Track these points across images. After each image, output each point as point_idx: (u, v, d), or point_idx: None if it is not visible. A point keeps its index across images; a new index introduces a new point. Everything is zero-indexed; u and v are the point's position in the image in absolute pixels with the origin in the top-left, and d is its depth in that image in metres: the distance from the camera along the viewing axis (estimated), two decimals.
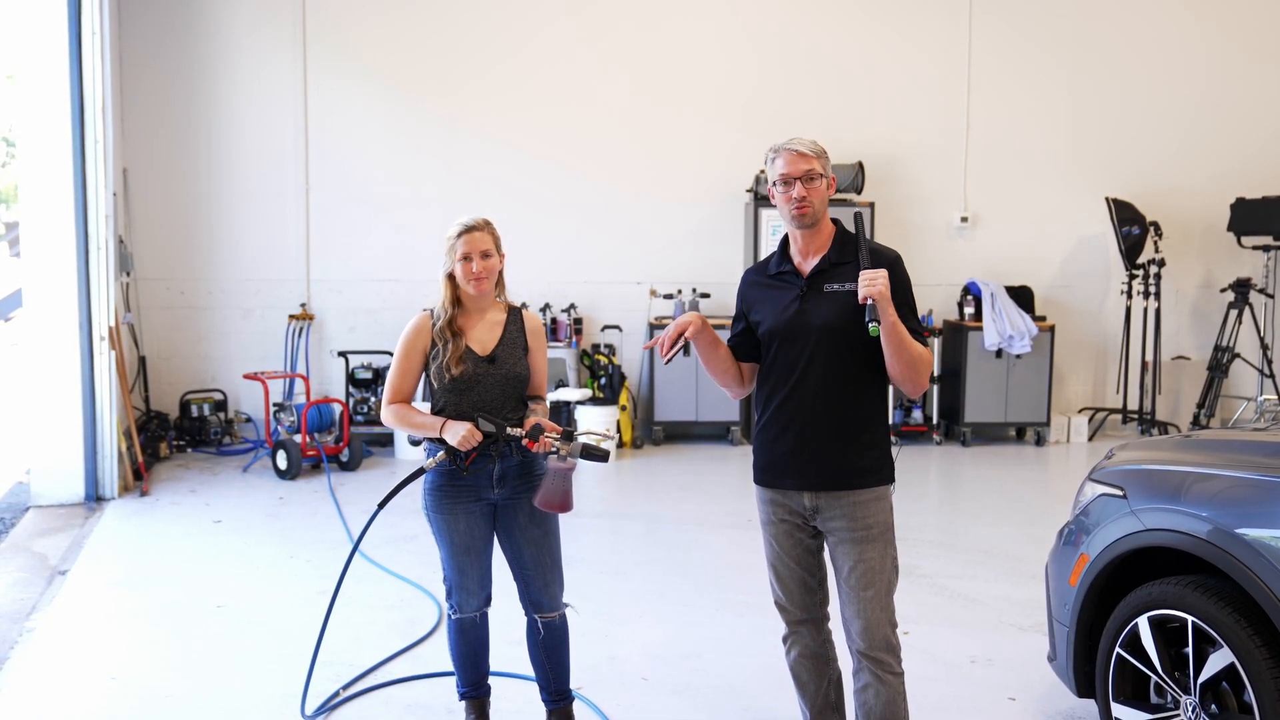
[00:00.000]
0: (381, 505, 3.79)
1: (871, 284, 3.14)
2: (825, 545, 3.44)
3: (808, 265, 3.37)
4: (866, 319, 3.14)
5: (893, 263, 3.30)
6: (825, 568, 3.49)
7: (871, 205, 9.60)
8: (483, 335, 3.77)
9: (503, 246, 3.75)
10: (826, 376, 3.30)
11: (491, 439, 3.63)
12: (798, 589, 3.48)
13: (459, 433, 3.58)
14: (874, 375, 3.33)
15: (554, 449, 3.61)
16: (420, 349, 3.75)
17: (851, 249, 3.34)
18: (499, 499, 3.76)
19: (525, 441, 3.63)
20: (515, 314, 3.87)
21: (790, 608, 3.51)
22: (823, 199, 3.31)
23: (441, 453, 3.65)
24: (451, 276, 3.73)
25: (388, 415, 3.79)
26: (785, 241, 3.46)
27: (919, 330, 3.30)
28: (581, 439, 3.67)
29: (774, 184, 3.33)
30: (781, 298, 3.38)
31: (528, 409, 3.79)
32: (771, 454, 3.42)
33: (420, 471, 3.71)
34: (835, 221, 3.43)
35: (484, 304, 3.79)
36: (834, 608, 3.51)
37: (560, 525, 3.88)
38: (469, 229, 3.69)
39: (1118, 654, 3.55)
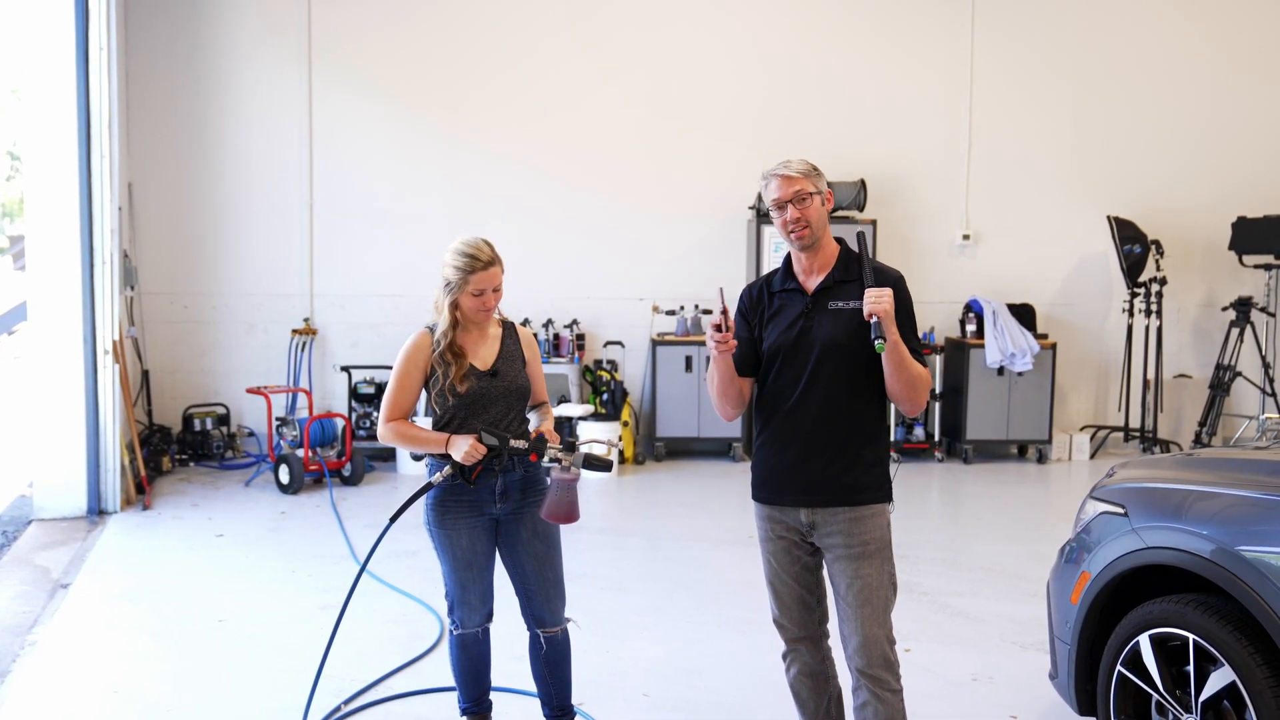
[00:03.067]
0: (392, 520, 3.78)
1: (877, 301, 3.16)
2: (824, 562, 3.44)
3: (812, 283, 3.38)
4: (872, 336, 3.15)
5: (896, 282, 3.31)
6: (824, 585, 3.49)
7: (874, 223, 9.63)
8: (482, 350, 3.79)
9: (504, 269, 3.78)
10: (829, 394, 3.30)
11: (495, 452, 3.64)
12: (796, 606, 3.48)
13: (463, 447, 3.59)
14: (875, 393, 3.35)
15: (556, 460, 3.63)
16: (420, 366, 3.75)
17: (856, 268, 3.35)
18: (501, 513, 3.78)
19: (530, 456, 3.66)
20: (510, 328, 3.90)
21: (788, 625, 3.50)
22: (819, 216, 3.32)
23: (448, 467, 3.66)
24: (454, 303, 3.70)
25: (387, 433, 3.76)
26: (789, 258, 3.46)
27: (919, 350, 3.31)
28: (584, 449, 3.68)
29: (770, 210, 3.36)
30: (786, 315, 3.38)
31: (536, 416, 3.82)
32: (770, 470, 3.42)
33: (429, 486, 3.72)
34: (839, 240, 3.45)
35: (481, 319, 3.81)
36: (833, 625, 3.50)
37: (562, 540, 3.89)
38: (483, 265, 3.64)
39: (1119, 672, 3.55)
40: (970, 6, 10.18)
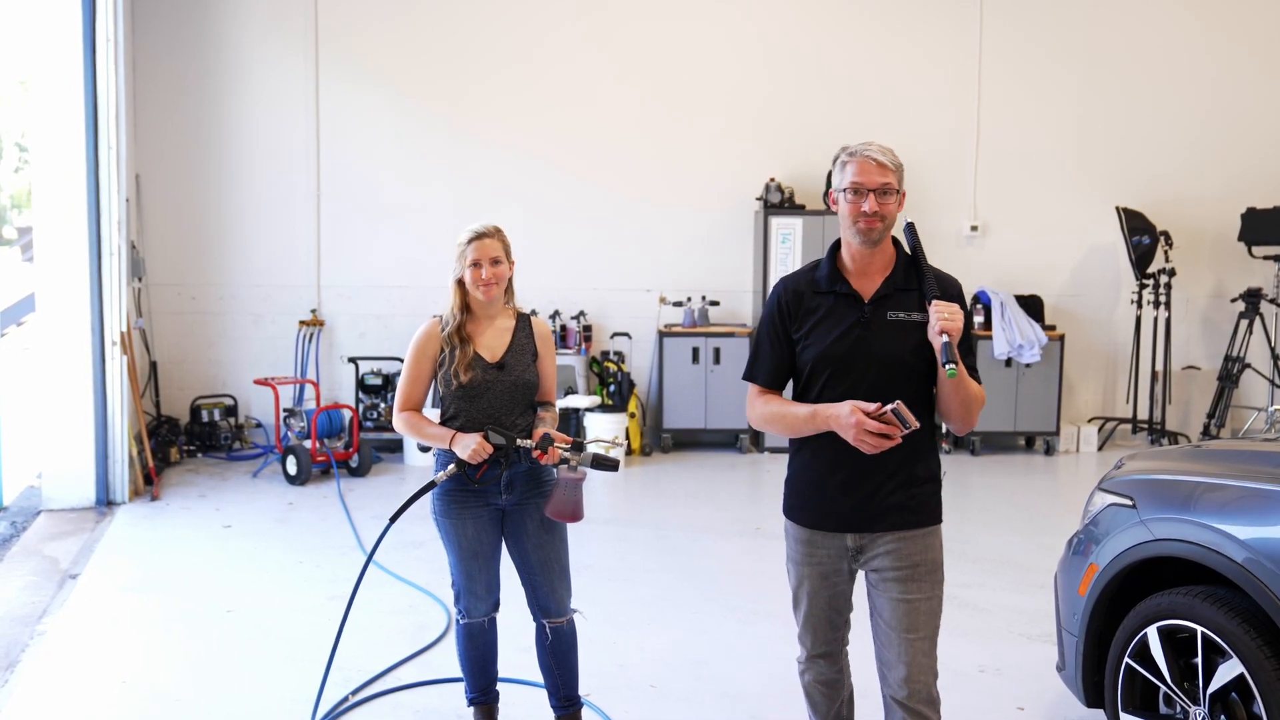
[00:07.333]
0: (393, 519, 3.80)
1: (950, 319, 2.87)
2: (867, 581, 3.17)
3: (868, 286, 3.06)
4: (943, 359, 2.85)
5: (959, 294, 3.06)
6: (852, 603, 3.28)
7: None
8: (492, 342, 3.79)
9: (512, 254, 3.79)
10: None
11: (502, 450, 3.64)
12: (823, 628, 3.24)
13: (469, 446, 3.60)
14: (925, 407, 3.08)
15: (564, 459, 3.62)
16: (430, 356, 3.77)
17: (914, 273, 3.06)
18: (507, 504, 3.78)
19: (535, 453, 3.65)
20: (524, 320, 3.89)
21: (812, 643, 3.27)
22: (894, 217, 3.01)
23: (452, 465, 3.67)
24: (460, 282, 3.76)
25: (399, 423, 3.82)
26: (835, 254, 3.12)
27: (974, 368, 3.08)
28: (591, 449, 3.68)
29: (842, 191, 3.01)
30: (836, 321, 3.05)
31: (536, 416, 3.81)
32: (814, 492, 3.12)
33: (431, 484, 3.72)
34: (894, 241, 3.13)
35: (493, 310, 3.81)
36: (856, 633, 3.33)
37: (569, 532, 3.90)
38: (479, 236, 3.72)
39: (1127, 664, 3.55)
40: None
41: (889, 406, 2.81)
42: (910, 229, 3.11)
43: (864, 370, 2.99)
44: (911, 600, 3.04)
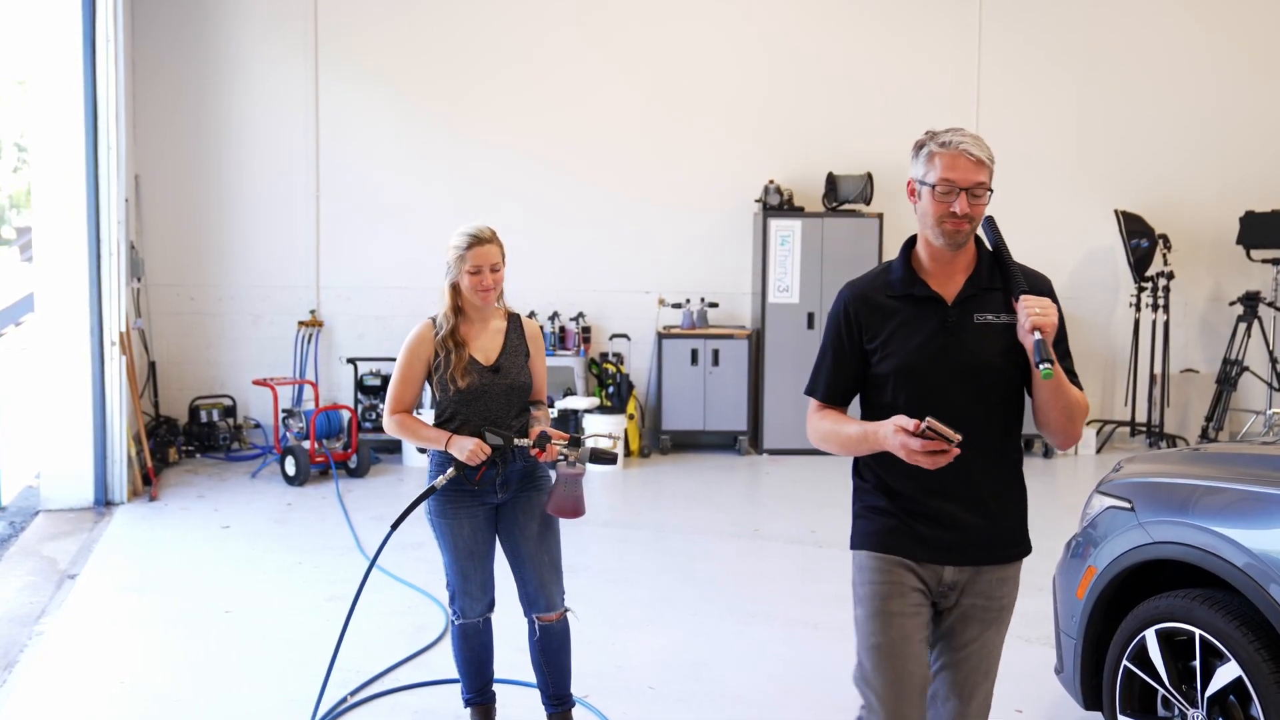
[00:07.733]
0: (395, 526, 3.78)
1: (1043, 313, 2.58)
2: (944, 616, 2.85)
3: (950, 288, 2.75)
4: (1036, 359, 2.53)
5: (1049, 291, 2.77)
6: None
7: (880, 216, 9.60)
8: (486, 344, 3.79)
9: (505, 255, 3.79)
10: (979, 427, 2.64)
11: (499, 451, 3.64)
12: (917, 694, 2.73)
13: (466, 448, 3.60)
14: (1018, 422, 2.80)
15: (562, 456, 3.63)
16: (423, 359, 3.77)
17: (999, 273, 2.78)
18: (501, 500, 3.79)
19: (533, 451, 3.66)
20: (515, 321, 3.89)
21: None
22: (981, 218, 2.73)
23: (451, 469, 3.66)
24: (455, 286, 3.74)
25: (391, 425, 3.80)
26: (909, 254, 2.81)
27: (1074, 371, 2.77)
28: (588, 443, 3.69)
29: (928, 185, 2.67)
30: (916, 328, 2.73)
31: (530, 415, 3.82)
32: (904, 519, 2.74)
33: (432, 490, 3.71)
34: (974, 238, 2.80)
35: (486, 312, 3.82)
36: None
37: (562, 528, 3.90)
38: (479, 241, 3.69)
39: (1125, 667, 3.55)
40: None
41: (923, 424, 2.51)
42: (990, 223, 2.81)
43: (953, 378, 2.68)
44: (989, 645, 2.82)
